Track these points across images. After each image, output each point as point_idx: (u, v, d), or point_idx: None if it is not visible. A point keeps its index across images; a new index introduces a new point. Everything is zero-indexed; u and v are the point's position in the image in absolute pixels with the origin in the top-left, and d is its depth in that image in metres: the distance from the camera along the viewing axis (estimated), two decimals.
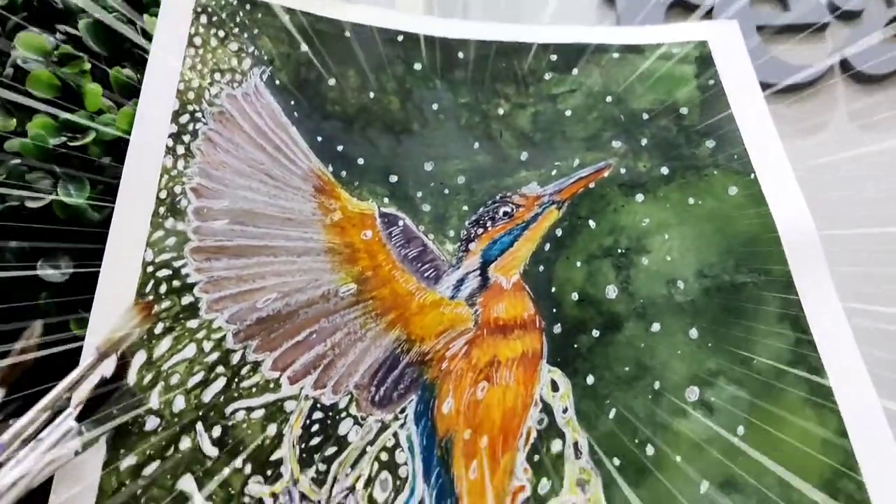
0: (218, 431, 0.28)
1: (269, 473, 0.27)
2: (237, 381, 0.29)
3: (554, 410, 0.30)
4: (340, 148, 0.36)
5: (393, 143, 0.37)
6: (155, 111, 0.33)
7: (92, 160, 0.31)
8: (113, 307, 0.28)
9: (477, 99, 0.39)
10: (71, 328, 0.28)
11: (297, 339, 0.30)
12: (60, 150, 0.30)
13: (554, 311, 0.32)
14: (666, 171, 0.36)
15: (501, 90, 0.39)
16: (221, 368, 0.29)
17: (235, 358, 0.29)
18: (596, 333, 0.32)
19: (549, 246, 0.34)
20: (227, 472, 0.27)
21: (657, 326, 0.32)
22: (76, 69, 0.32)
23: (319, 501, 0.27)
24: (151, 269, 0.30)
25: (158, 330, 0.29)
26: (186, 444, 0.27)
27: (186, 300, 0.30)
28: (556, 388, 0.30)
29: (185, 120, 0.34)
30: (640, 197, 0.36)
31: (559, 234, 0.35)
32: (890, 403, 0.30)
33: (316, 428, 0.28)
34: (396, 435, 0.29)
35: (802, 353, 0.31)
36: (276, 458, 0.28)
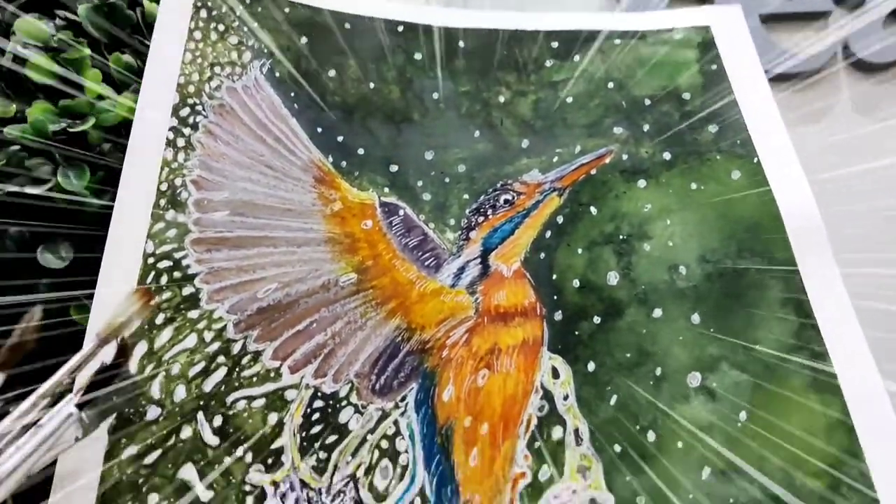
0: (219, 421, 0.28)
1: (269, 462, 0.27)
2: (238, 370, 0.29)
3: (555, 397, 0.30)
4: (340, 138, 0.36)
5: (393, 132, 0.36)
6: (155, 105, 0.33)
7: (92, 146, 0.31)
8: (115, 300, 0.28)
9: (478, 87, 0.38)
10: (70, 314, 0.28)
11: (297, 328, 0.30)
12: (60, 136, 0.30)
13: (555, 298, 0.32)
14: (668, 156, 0.36)
15: (502, 78, 0.39)
16: (222, 358, 0.29)
17: (236, 348, 0.29)
18: (597, 320, 0.32)
19: (550, 233, 0.34)
20: (228, 461, 0.27)
21: (659, 312, 0.32)
22: (76, 55, 0.32)
23: (320, 489, 0.27)
24: (152, 260, 0.30)
25: (159, 320, 0.29)
26: (188, 433, 0.27)
27: (187, 291, 0.30)
28: (556, 375, 0.30)
29: (185, 113, 0.34)
30: (641, 183, 0.35)
31: (560, 221, 0.34)
32: (895, 387, 0.29)
33: (316, 416, 0.28)
34: (397, 423, 0.29)
35: (806, 337, 0.31)
36: (276, 446, 0.28)
